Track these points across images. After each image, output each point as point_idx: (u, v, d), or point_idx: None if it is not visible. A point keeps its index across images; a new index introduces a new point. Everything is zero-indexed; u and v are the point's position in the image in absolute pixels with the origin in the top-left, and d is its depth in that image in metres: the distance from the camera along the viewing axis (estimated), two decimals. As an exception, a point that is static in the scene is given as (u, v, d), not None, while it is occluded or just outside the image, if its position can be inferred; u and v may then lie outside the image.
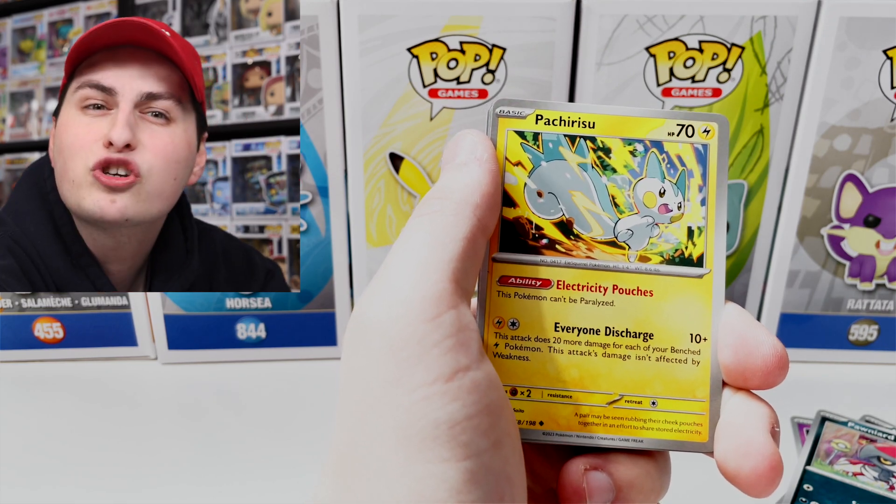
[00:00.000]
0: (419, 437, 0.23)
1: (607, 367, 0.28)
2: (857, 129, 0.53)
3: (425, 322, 0.24)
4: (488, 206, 0.27)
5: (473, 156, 0.28)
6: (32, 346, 0.60)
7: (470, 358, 0.24)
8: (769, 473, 0.26)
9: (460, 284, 0.25)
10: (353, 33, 0.51)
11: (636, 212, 0.29)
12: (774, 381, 0.27)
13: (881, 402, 0.56)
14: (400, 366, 0.23)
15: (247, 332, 0.60)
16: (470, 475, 0.23)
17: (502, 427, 0.24)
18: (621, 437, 0.28)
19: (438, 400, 0.23)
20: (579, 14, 0.51)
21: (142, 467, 0.52)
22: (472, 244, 0.26)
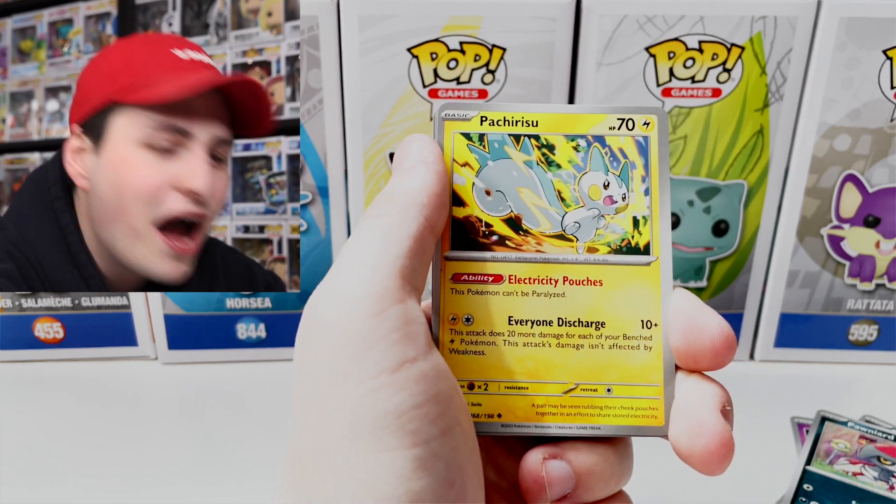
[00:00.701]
0: (368, 429, 0.23)
1: (562, 358, 0.29)
2: (857, 129, 0.53)
3: (372, 317, 0.24)
4: (435, 205, 0.27)
5: (420, 159, 0.28)
6: (32, 346, 0.60)
7: (417, 350, 0.25)
8: (720, 450, 0.26)
9: (408, 280, 0.26)
10: (353, 33, 0.51)
11: (582, 205, 0.29)
12: (724, 361, 0.28)
13: (881, 402, 0.56)
14: (348, 361, 0.24)
15: (247, 332, 0.60)
16: (419, 462, 0.24)
17: (451, 415, 0.25)
18: (579, 426, 0.28)
19: (385, 391, 0.24)
20: (579, 14, 0.51)
21: (141, 467, 0.52)
22: (420, 242, 0.26)
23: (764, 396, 0.57)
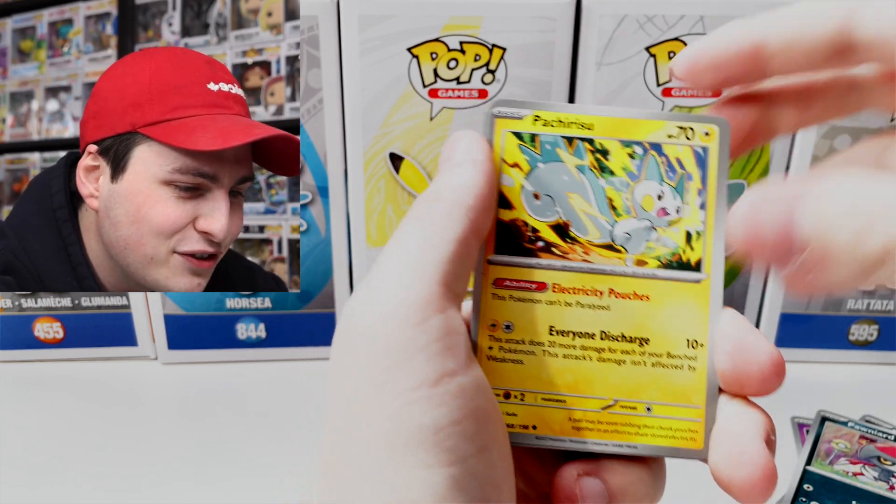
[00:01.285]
0: (404, 443, 0.23)
1: (602, 372, 0.28)
2: (857, 129, 0.53)
3: (411, 327, 0.24)
4: (482, 207, 0.26)
5: (469, 157, 0.27)
6: (32, 346, 0.60)
7: (457, 363, 0.24)
8: (762, 482, 0.25)
9: (450, 288, 0.25)
10: (353, 33, 0.51)
11: (633, 215, 0.28)
12: (771, 388, 0.27)
13: (881, 402, 0.56)
14: (385, 371, 0.23)
15: (247, 332, 0.60)
16: (454, 481, 0.23)
17: (489, 432, 0.24)
18: (615, 443, 0.28)
19: (423, 405, 0.23)
20: (579, 14, 0.51)
21: (142, 467, 0.52)
22: (465, 246, 0.25)
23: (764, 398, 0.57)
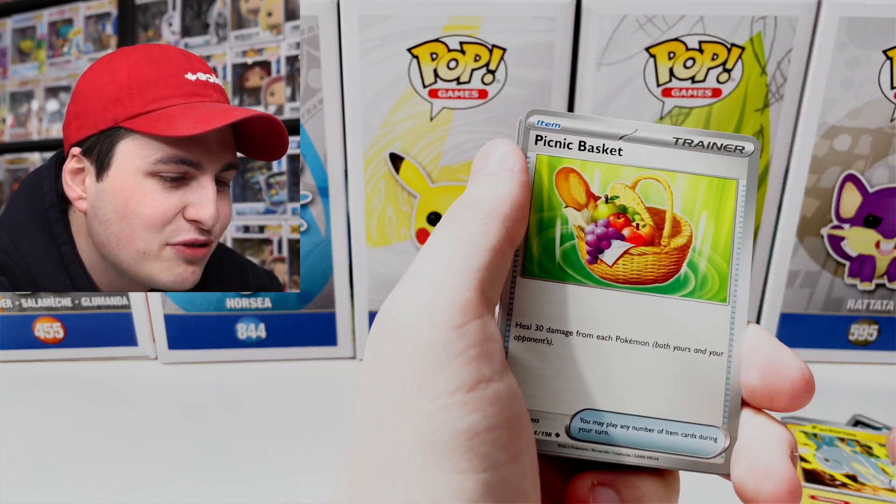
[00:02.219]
0: (438, 446, 0.23)
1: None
2: (857, 129, 0.53)
3: (450, 330, 0.24)
4: (517, 218, 0.27)
5: (505, 166, 0.27)
6: (32, 346, 0.60)
7: (493, 369, 0.24)
8: (788, 497, 0.26)
9: (486, 294, 0.25)
10: (353, 33, 0.51)
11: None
12: (800, 404, 0.27)
13: (881, 402, 0.56)
14: (423, 371, 0.23)
15: (247, 332, 0.60)
16: (487, 487, 0.23)
17: (522, 441, 0.24)
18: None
19: (459, 409, 0.23)
20: (579, 14, 0.51)
21: (142, 467, 0.52)
22: (500, 255, 0.26)
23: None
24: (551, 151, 0.28)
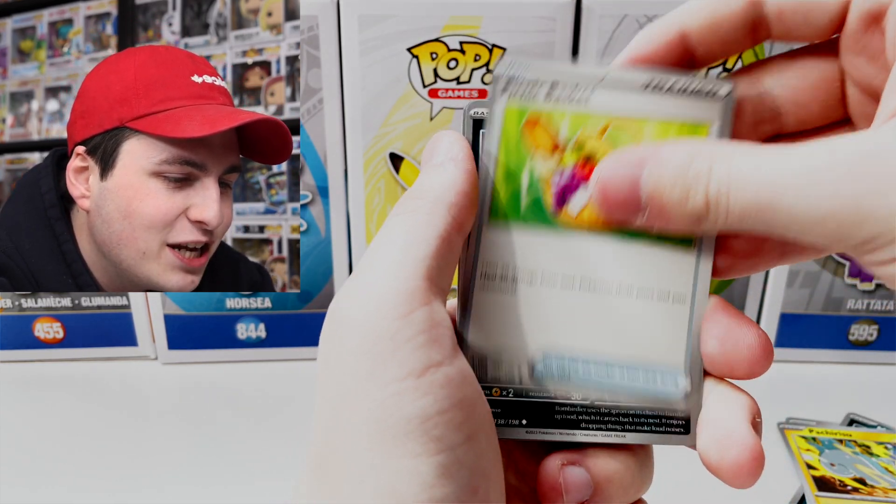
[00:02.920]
0: (391, 433, 0.23)
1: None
2: (857, 129, 0.53)
3: (398, 318, 0.24)
4: (464, 204, 0.27)
5: (449, 156, 0.28)
6: (32, 346, 0.60)
7: (442, 354, 0.24)
8: (751, 464, 0.26)
9: (434, 282, 0.25)
10: (353, 33, 0.51)
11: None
12: (759, 371, 0.27)
13: (881, 402, 0.56)
14: (372, 362, 0.24)
15: (247, 332, 0.60)
16: (443, 469, 0.23)
17: (476, 421, 0.25)
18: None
19: (410, 395, 0.23)
20: (579, 14, 0.51)
21: (142, 467, 0.52)
22: (447, 243, 0.26)
23: (764, 396, 0.57)
24: (519, 102, 0.28)
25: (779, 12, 0.27)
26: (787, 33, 0.28)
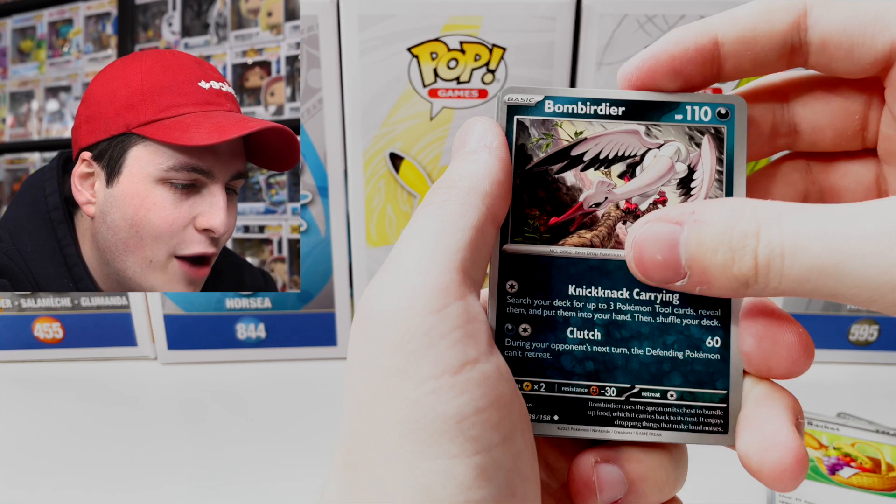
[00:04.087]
0: (427, 432, 0.22)
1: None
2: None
3: (432, 313, 0.23)
4: (498, 194, 0.26)
5: (483, 143, 0.27)
6: (32, 346, 0.60)
7: (478, 350, 0.24)
8: (794, 467, 0.25)
9: (468, 274, 0.25)
10: (353, 33, 0.51)
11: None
12: (800, 370, 0.26)
13: (881, 401, 0.56)
14: (407, 358, 0.23)
15: (247, 332, 0.60)
16: (480, 471, 0.23)
17: (513, 421, 0.24)
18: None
19: (446, 393, 0.23)
20: (579, 14, 0.51)
21: (141, 467, 0.52)
22: (481, 233, 0.25)
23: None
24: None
25: (822, 42, 0.26)
26: (826, 65, 0.27)
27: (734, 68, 0.27)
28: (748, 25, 0.27)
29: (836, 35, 0.26)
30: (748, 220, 0.23)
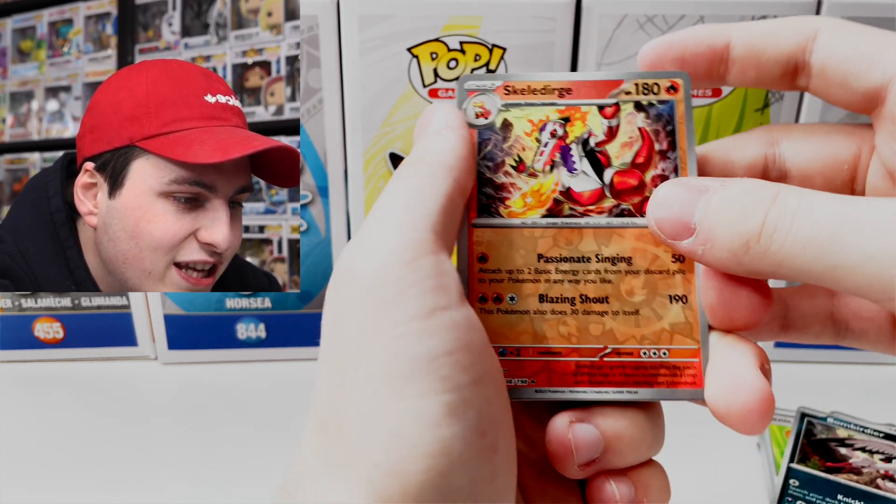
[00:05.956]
0: (397, 374, 0.23)
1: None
2: (856, 129, 0.53)
3: (405, 265, 0.24)
4: (464, 168, 0.27)
5: (445, 124, 0.28)
6: (32, 346, 0.60)
7: (448, 300, 0.24)
8: (761, 406, 0.25)
9: (440, 236, 0.25)
10: (353, 33, 0.51)
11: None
12: (761, 318, 0.27)
13: (881, 401, 0.56)
14: (378, 307, 0.23)
15: (247, 332, 0.60)
16: (449, 408, 0.23)
17: (485, 367, 0.24)
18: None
19: (416, 336, 0.23)
20: (579, 14, 0.51)
21: (141, 467, 0.52)
22: (451, 202, 0.26)
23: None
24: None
25: (822, 66, 0.27)
26: (824, 90, 0.28)
27: (739, 74, 0.28)
28: (759, 35, 0.28)
29: (835, 62, 0.27)
30: (770, 188, 0.25)
